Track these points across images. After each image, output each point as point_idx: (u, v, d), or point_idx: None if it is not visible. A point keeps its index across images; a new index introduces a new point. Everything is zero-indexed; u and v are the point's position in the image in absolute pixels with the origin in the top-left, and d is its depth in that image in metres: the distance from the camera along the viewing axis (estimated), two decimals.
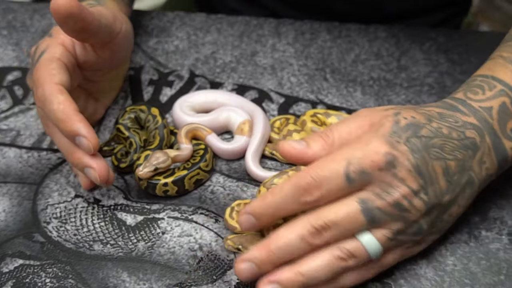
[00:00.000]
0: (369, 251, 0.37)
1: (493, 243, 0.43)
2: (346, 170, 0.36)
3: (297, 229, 0.36)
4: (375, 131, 0.38)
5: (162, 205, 0.46)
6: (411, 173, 0.36)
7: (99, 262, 0.42)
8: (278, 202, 0.37)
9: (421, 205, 0.37)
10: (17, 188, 0.48)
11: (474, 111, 0.41)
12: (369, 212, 0.36)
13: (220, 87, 0.57)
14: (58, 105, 0.41)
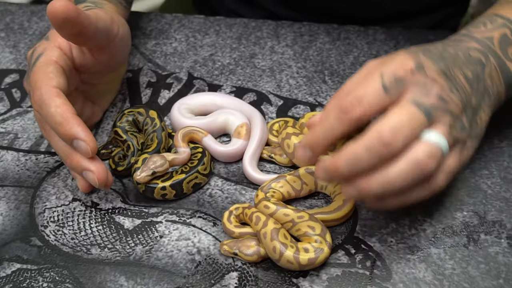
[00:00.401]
0: (441, 145, 0.36)
1: (492, 246, 0.43)
2: (382, 81, 0.37)
3: (363, 141, 0.36)
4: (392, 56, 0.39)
5: (160, 209, 0.46)
6: (439, 74, 0.38)
7: (96, 266, 0.42)
8: (326, 127, 0.38)
9: (457, 99, 0.38)
10: (15, 192, 0.47)
11: (476, 39, 0.43)
12: (424, 108, 0.36)
13: (218, 89, 0.57)
14: (55, 108, 0.41)
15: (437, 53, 0.40)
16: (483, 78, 0.41)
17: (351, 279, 0.41)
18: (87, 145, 0.41)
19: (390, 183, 0.36)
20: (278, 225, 0.41)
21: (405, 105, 0.36)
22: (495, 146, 0.50)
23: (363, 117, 0.37)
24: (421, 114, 0.36)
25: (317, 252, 0.40)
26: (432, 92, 0.37)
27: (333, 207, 0.44)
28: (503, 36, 0.44)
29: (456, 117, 0.38)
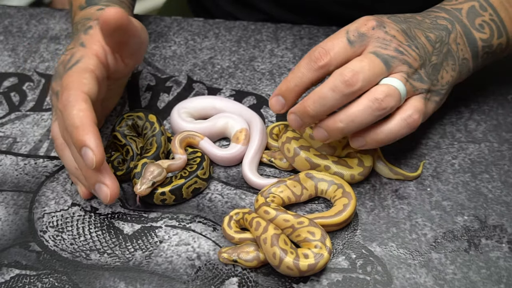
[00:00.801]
0: (398, 88, 0.41)
1: (493, 251, 0.43)
2: (347, 36, 0.43)
3: (329, 83, 0.41)
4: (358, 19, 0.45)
5: (160, 214, 0.46)
6: (399, 32, 0.44)
7: (96, 271, 0.42)
8: (298, 75, 0.43)
9: (414, 54, 0.43)
10: (13, 196, 0.47)
11: (445, 10, 0.49)
12: (383, 58, 0.42)
13: (218, 93, 0.56)
14: (78, 111, 0.41)
15: (402, 18, 0.46)
16: (447, 42, 0.46)
17: (352, 284, 0.41)
18: (93, 156, 0.40)
19: (352, 119, 0.41)
20: (278, 230, 0.41)
21: (366, 54, 0.42)
22: (495, 150, 0.50)
23: (329, 65, 0.42)
24: (379, 61, 0.42)
25: (316, 258, 0.40)
26: (390, 45, 0.43)
27: (334, 212, 0.44)
28: (471, 8, 0.48)
29: (414, 68, 0.43)
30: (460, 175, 0.48)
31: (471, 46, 0.48)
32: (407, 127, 0.42)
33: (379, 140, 0.43)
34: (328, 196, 0.46)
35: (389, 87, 0.41)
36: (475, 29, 0.48)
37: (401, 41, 0.43)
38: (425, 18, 0.47)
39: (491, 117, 0.53)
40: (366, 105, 0.41)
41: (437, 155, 0.50)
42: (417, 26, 0.46)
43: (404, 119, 0.42)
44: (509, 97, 0.55)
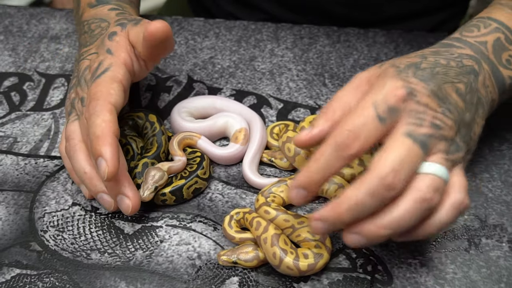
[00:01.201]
0: (442, 176, 0.35)
1: (493, 250, 0.43)
2: (376, 112, 0.36)
3: (365, 186, 0.34)
4: (382, 78, 0.38)
5: (161, 213, 0.46)
6: (430, 97, 0.37)
7: (96, 271, 0.42)
8: (323, 166, 0.36)
9: (450, 122, 0.37)
10: (14, 196, 0.47)
11: (469, 44, 0.43)
12: (419, 140, 0.35)
13: (218, 92, 0.56)
14: (102, 122, 0.41)
15: (429, 70, 0.39)
16: (476, 89, 0.40)
17: (352, 284, 0.41)
18: (106, 167, 0.40)
19: (398, 224, 0.35)
20: (278, 230, 0.41)
21: (401, 140, 0.35)
22: (496, 149, 0.50)
23: (361, 152, 0.36)
24: (417, 147, 0.35)
25: (316, 258, 0.40)
26: (425, 120, 0.36)
27: None
28: (496, 41, 0.43)
29: (451, 140, 0.37)
30: None
31: (499, 85, 0.43)
32: (458, 214, 0.37)
33: (430, 234, 0.36)
34: (329, 195, 0.46)
35: (434, 180, 0.35)
36: (502, 65, 0.43)
37: (434, 109, 0.37)
38: (449, 60, 0.41)
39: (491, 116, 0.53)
40: (413, 207, 0.35)
41: None
42: (445, 78, 0.39)
43: (455, 207, 0.36)
44: None
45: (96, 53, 0.46)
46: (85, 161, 0.44)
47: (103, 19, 0.50)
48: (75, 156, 0.44)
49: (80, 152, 0.44)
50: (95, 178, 0.43)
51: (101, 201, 0.44)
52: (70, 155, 0.45)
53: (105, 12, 0.51)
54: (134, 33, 0.46)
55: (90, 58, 0.47)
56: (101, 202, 0.44)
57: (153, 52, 0.45)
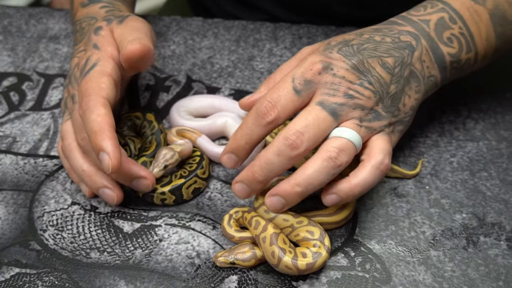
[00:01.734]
0: (350, 138, 0.40)
1: (491, 249, 0.43)
2: (293, 84, 0.41)
3: (273, 147, 0.40)
4: (310, 54, 0.43)
5: (160, 212, 0.46)
6: (349, 71, 0.41)
7: (96, 270, 0.42)
8: (246, 132, 0.41)
9: (368, 93, 0.41)
10: (13, 196, 0.47)
11: (411, 22, 0.45)
12: (329, 108, 0.40)
13: (217, 92, 0.57)
14: (96, 116, 0.41)
15: (356, 47, 0.42)
16: (409, 63, 0.43)
17: (351, 282, 0.41)
18: (110, 160, 0.40)
19: (309, 181, 0.39)
20: (277, 229, 0.41)
21: (312, 107, 0.40)
22: (494, 148, 0.50)
23: (278, 120, 0.40)
24: (326, 114, 0.40)
25: (315, 257, 0.40)
26: (339, 90, 0.40)
27: (332, 210, 0.44)
28: (440, 19, 0.45)
29: (368, 109, 0.41)
30: (459, 173, 0.48)
31: (439, 62, 0.45)
32: (380, 174, 0.40)
33: (356, 193, 0.40)
34: None
35: (341, 141, 0.39)
36: (443, 43, 0.45)
37: (351, 81, 0.41)
38: (385, 36, 0.44)
39: (489, 115, 0.53)
40: (321, 165, 0.39)
41: (436, 154, 0.50)
42: (373, 53, 0.42)
43: (376, 167, 0.40)
44: (507, 95, 0.55)
45: (84, 50, 0.47)
46: (81, 159, 0.44)
47: (93, 16, 0.50)
48: (71, 155, 0.45)
49: (75, 150, 0.44)
50: (94, 175, 0.44)
51: (103, 196, 0.44)
52: (66, 155, 0.45)
53: (96, 10, 0.51)
54: (118, 33, 0.46)
55: (79, 55, 0.47)
56: (103, 197, 0.44)
57: (132, 67, 0.45)
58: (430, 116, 0.53)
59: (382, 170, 0.40)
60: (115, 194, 0.44)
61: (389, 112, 0.42)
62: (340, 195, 0.40)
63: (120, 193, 0.44)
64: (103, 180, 0.44)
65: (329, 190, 0.41)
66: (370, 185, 0.40)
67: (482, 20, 0.46)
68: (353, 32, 0.45)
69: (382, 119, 0.42)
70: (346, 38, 0.43)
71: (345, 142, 0.39)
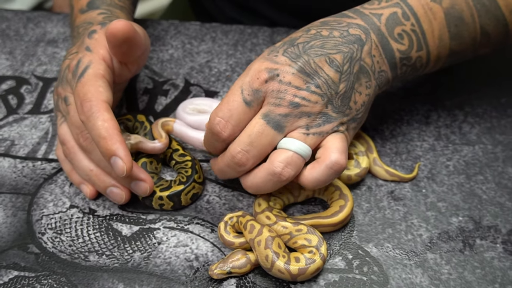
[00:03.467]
0: (296, 151, 0.40)
1: (487, 251, 0.43)
2: (242, 96, 0.41)
3: (223, 159, 0.42)
4: (255, 60, 0.43)
5: (158, 215, 0.46)
6: (295, 75, 0.40)
7: (94, 273, 0.42)
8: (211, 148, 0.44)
9: (315, 97, 0.41)
10: (12, 199, 0.47)
11: (362, 15, 0.44)
12: (273, 121, 0.40)
13: (215, 96, 0.57)
14: (103, 122, 0.41)
15: (301, 46, 0.42)
16: (359, 58, 0.42)
17: (349, 285, 0.41)
18: (124, 164, 0.41)
19: (258, 189, 0.42)
20: (273, 233, 0.41)
21: (256, 121, 0.41)
22: (489, 152, 0.51)
23: (234, 134, 0.41)
24: (270, 128, 0.40)
25: (308, 263, 0.40)
26: (284, 99, 0.40)
27: (330, 212, 0.44)
28: (392, 14, 0.44)
29: (316, 114, 0.41)
30: (455, 176, 0.49)
31: (388, 57, 0.44)
32: (334, 173, 0.41)
33: (311, 189, 0.43)
34: (325, 197, 0.46)
35: (287, 154, 0.40)
36: (393, 39, 0.44)
37: (297, 86, 0.40)
38: (333, 30, 0.43)
39: (484, 119, 0.54)
40: (266, 178, 0.41)
41: (432, 157, 0.50)
42: (320, 51, 0.41)
43: (330, 167, 0.40)
44: (503, 100, 0.56)
45: (76, 52, 0.47)
46: (87, 160, 0.45)
47: (90, 22, 0.50)
48: (76, 157, 0.45)
49: (79, 152, 0.45)
50: (102, 174, 0.44)
51: (111, 195, 0.45)
52: (71, 158, 0.45)
53: (93, 16, 0.51)
54: None
55: (70, 57, 0.47)
56: (111, 196, 0.45)
57: (119, 52, 0.45)
58: (426, 120, 0.54)
59: (336, 170, 0.40)
60: (123, 192, 0.45)
61: (340, 112, 0.42)
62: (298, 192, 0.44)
63: (128, 192, 0.45)
64: (111, 180, 0.44)
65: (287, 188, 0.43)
66: (322, 183, 0.41)
67: (436, 19, 0.45)
68: (301, 28, 0.44)
69: (333, 121, 0.41)
70: (292, 37, 0.43)
71: (291, 155, 0.40)
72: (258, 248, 0.41)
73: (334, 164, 0.40)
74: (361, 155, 0.47)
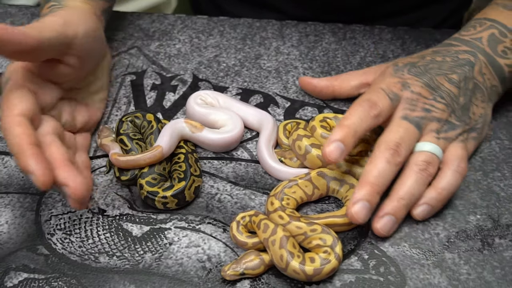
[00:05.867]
0: (434, 152, 0.44)
1: (507, 250, 0.42)
2: (386, 93, 0.45)
3: (380, 158, 0.42)
4: (382, 75, 0.48)
5: (169, 215, 0.45)
6: (423, 88, 0.46)
7: (105, 275, 0.41)
8: (356, 121, 0.43)
9: (442, 106, 0.46)
10: (20, 199, 0.46)
11: (465, 42, 0.50)
12: (414, 122, 0.44)
13: (224, 91, 0.56)
14: (13, 139, 0.39)
15: (422, 67, 0.47)
16: (472, 77, 0.48)
17: (365, 285, 0.40)
18: (38, 178, 0.38)
19: (411, 192, 0.43)
20: (287, 233, 0.40)
21: (399, 122, 0.44)
22: (506, 147, 0.50)
23: (380, 116, 0.44)
24: (413, 127, 0.44)
25: (323, 263, 0.39)
26: (418, 105, 0.45)
27: (344, 211, 0.43)
28: (491, 35, 0.49)
29: (443, 121, 0.45)
30: (472, 173, 0.48)
31: (498, 73, 0.49)
32: (460, 177, 0.44)
33: (444, 197, 0.43)
34: (339, 195, 0.45)
35: (426, 155, 0.43)
36: (498, 56, 0.49)
37: (426, 96, 0.45)
38: (445, 56, 0.48)
39: (501, 114, 0.53)
40: (416, 177, 0.43)
41: None
42: (438, 71, 0.47)
43: (455, 170, 0.44)
44: None
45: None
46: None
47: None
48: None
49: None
50: None
51: None
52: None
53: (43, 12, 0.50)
54: None
55: None
56: None
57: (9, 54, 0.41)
58: None
59: (461, 173, 0.44)
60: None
61: (462, 121, 0.46)
62: (430, 203, 0.43)
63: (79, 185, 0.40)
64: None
65: (418, 203, 0.43)
66: (454, 188, 0.44)
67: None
68: (414, 55, 0.50)
69: (456, 128, 0.46)
70: (411, 61, 0.48)
71: (430, 155, 0.44)
72: (272, 247, 0.40)
73: (458, 167, 0.44)
74: None
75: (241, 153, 0.50)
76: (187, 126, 0.48)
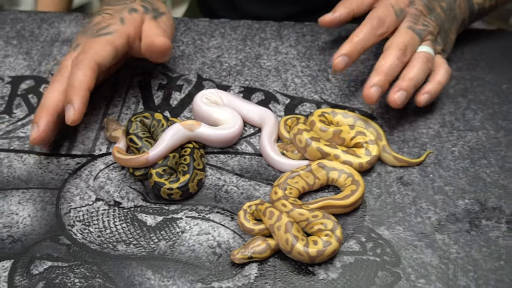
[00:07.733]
0: (430, 52, 0.54)
1: (492, 231, 0.46)
2: (394, 9, 0.54)
3: (391, 54, 0.52)
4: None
5: (180, 206, 0.49)
6: (424, 7, 0.56)
7: (124, 261, 0.45)
8: (363, 38, 0.53)
9: (434, 24, 0.55)
10: (40, 194, 0.50)
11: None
12: (417, 32, 0.54)
13: (227, 89, 0.59)
14: (81, 76, 0.49)
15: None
16: (454, 8, 0.58)
17: (363, 266, 0.44)
18: (73, 114, 0.48)
19: (418, 75, 0.52)
20: (291, 218, 0.44)
21: (406, 30, 0.54)
22: (492, 137, 0.53)
23: (386, 34, 0.54)
24: (416, 36, 0.54)
25: (325, 245, 0.43)
26: (419, 20, 0.55)
27: (342, 196, 0.47)
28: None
29: (435, 36, 0.55)
30: (460, 161, 0.51)
31: (470, 9, 0.60)
32: (448, 76, 0.54)
33: (439, 89, 0.53)
34: (338, 184, 0.49)
35: (427, 53, 0.53)
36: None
37: (425, 15, 0.55)
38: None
39: (487, 106, 0.56)
40: (421, 65, 0.52)
41: (438, 143, 0.53)
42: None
43: (447, 70, 0.54)
44: (504, 87, 0.58)
45: (111, 14, 0.54)
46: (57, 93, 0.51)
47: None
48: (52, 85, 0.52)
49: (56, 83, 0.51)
50: None
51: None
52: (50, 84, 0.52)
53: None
54: (147, 26, 0.54)
55: (104, 16, 0.54)
56: None
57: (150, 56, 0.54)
58: (431, 108, 0.56)
59: (448, 70, 0.54)
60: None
61: (443, 42, 0.57)
62: (430, 94, 0.53)
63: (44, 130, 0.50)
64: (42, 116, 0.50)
65: (420, 92, 0.53)
66: (447, 78, 0.54)
67: None
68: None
69: (439, 45, 0.56)
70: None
71: (429, 54, 0.54)
72: (278, 232, 0.43)
73: (448, 68, 0.54)
74: (371, 144, 0.50)
75: (245, 147, 0.53)
76: (183, 127, 0.51)
